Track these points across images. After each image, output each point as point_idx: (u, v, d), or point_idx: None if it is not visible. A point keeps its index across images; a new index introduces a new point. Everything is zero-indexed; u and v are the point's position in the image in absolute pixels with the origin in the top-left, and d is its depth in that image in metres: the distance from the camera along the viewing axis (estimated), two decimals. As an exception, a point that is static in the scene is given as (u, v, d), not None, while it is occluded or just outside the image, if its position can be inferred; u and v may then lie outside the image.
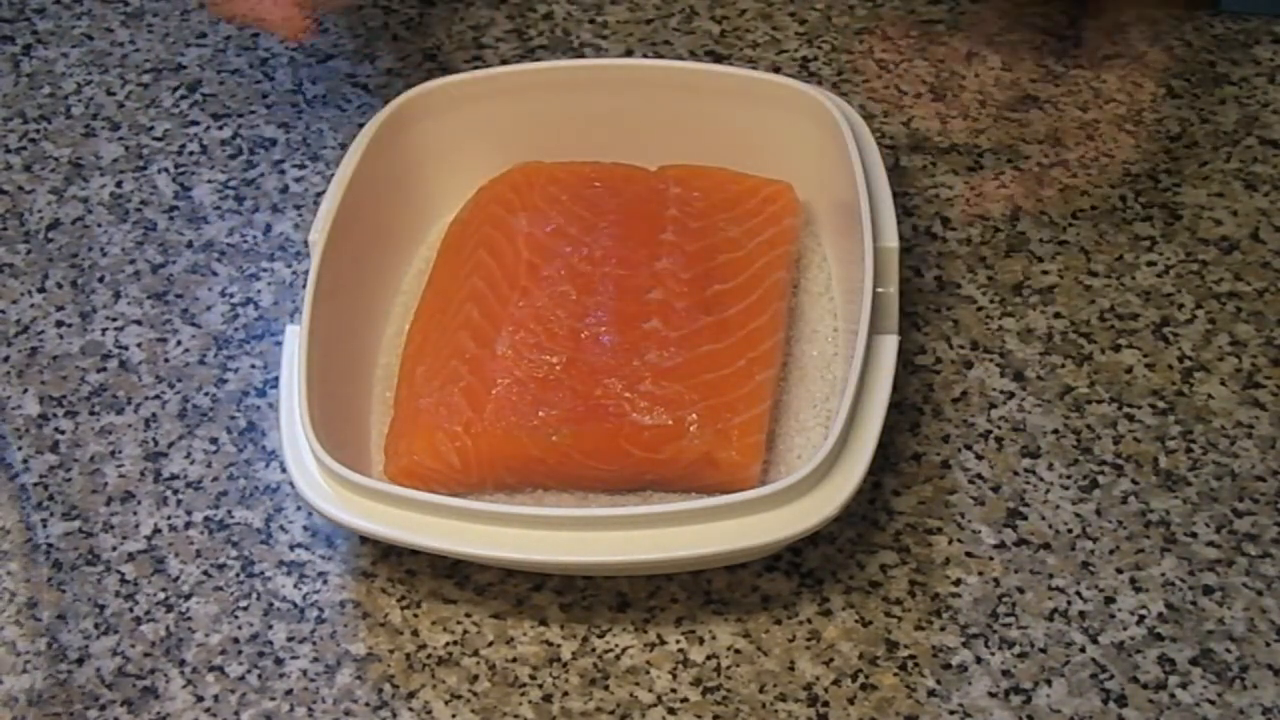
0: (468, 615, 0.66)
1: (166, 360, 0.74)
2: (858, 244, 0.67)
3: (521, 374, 0.67)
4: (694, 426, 0.66)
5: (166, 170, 0.81)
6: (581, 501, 0.67)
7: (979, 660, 0.64)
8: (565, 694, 0.64)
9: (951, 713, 0.63)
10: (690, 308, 0.69)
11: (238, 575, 0.67)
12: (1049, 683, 0.64)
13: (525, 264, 0.70)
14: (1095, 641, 0.65)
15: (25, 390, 0.73)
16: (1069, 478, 0.69)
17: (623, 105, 0.75)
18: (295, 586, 0.67)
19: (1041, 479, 0.69)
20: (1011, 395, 0.72)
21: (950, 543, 0.67)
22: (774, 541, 0.62)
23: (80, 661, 0.65)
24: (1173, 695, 0.63)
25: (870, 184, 0.69)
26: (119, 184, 0.81)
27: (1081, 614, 0.65)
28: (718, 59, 0.84)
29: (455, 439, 0.66)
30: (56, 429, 0.72)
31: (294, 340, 0.67)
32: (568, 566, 0.64)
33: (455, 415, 0.67)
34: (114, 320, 0.75)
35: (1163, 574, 0.66)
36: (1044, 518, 0.68)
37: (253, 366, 0.74)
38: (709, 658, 0.65)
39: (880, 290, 0.67)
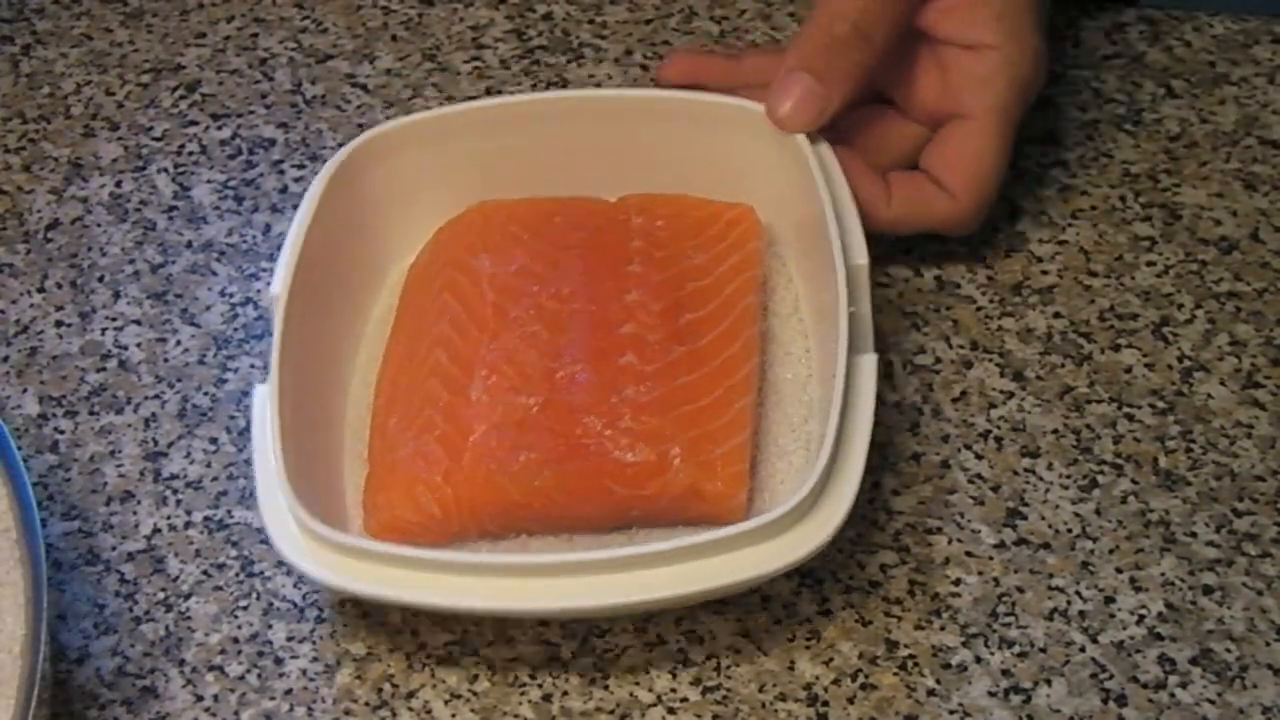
0: (467, 615, 0.66)
1: (166, 360, 0.74)
2: (823, 262, 0.66)
3: (498, 418, 0.65)
4: (677, 460, 0.64)
5: (166, 170, 0.81)
6: (567, 544, 0.65)
7: (979, 660, 0.64)
8: (565, 694, 0.64)
9: (951, 712, 0.63)
10: (664, 339, 0.67)
11: (237, 575, 0.67)
12: (1049, 682, 0.64)
13: (491, 305, 0.68)
14: (1095, 641, 0.65)
15: (24, 390, 0.73)
16: (1069, 477, 0.69)
17: (576, 137, 0.73)
18: (295, 586, 0.67)
19: (1041, 479, 0.69)
20: (1011, 395, 0.72)
21: (950, 542, 0.67)
22: (766, 574, 0.61)
23: (80, 661, 0.65)
24: (1173, 695, 0.63)
25: (835, 199, 0.68)
26: (118, 184, 0.81)
27: (1081, 614, 0.65)
28: (717, 59, 0.84)
29: (435, 489, 0.64)
30: (56, 429, 0.72)
31: (264, 401, 0.64)
32: (564, 613, 0.63)
33: (433, 465, 0.65)
34: (113, 320, 0.75)
35: (1162, 574, 0.66)
36: (1044, 517, 0.68)
37: (252, 366, 0.74)
38: (709, 657, 0.65)
39: (853, 310, 0.65)
